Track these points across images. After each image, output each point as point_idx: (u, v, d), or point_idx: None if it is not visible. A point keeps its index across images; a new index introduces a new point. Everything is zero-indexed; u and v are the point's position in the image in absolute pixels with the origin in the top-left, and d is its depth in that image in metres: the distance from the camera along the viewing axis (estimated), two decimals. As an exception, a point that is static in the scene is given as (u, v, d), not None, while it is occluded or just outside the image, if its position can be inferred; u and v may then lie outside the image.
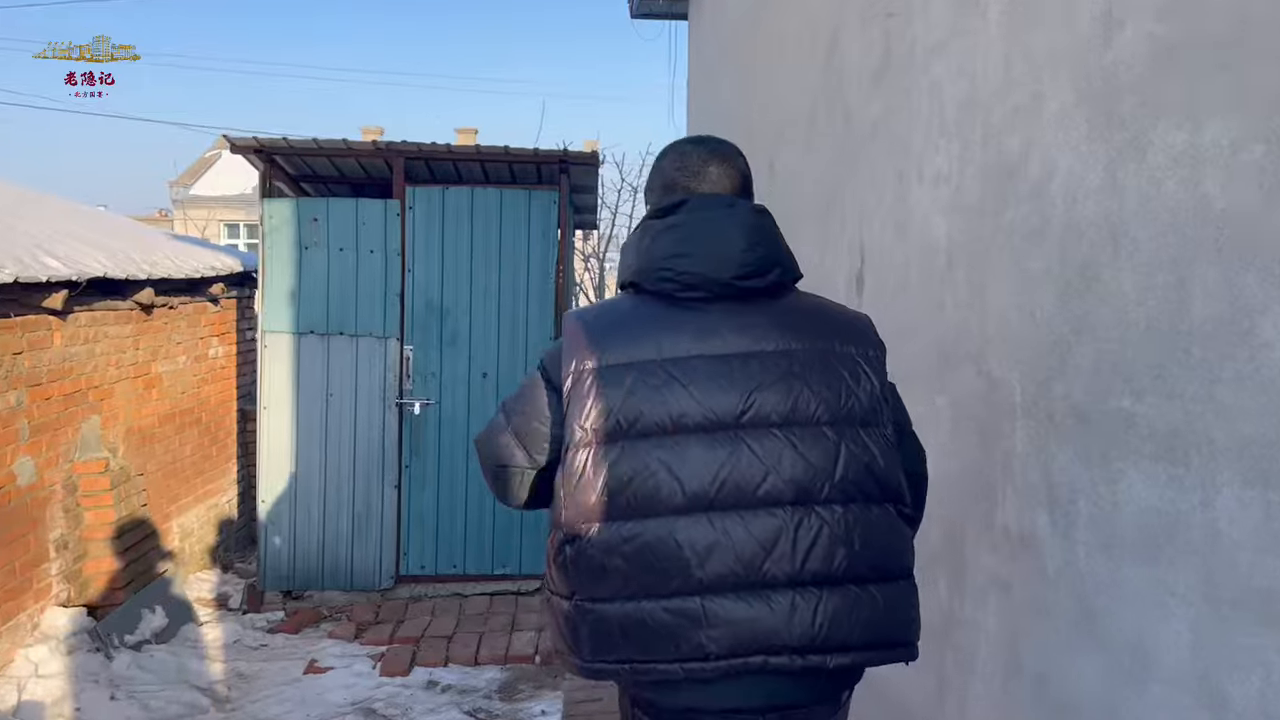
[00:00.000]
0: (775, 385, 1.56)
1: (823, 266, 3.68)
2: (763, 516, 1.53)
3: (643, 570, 1.51)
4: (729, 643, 1.50)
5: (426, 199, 5.45)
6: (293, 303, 5.47)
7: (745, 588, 1.51)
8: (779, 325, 1.61)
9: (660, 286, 1.62)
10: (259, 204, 5.47)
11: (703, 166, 1.75)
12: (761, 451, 1.53)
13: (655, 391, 1.54)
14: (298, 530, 5.54)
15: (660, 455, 1.53)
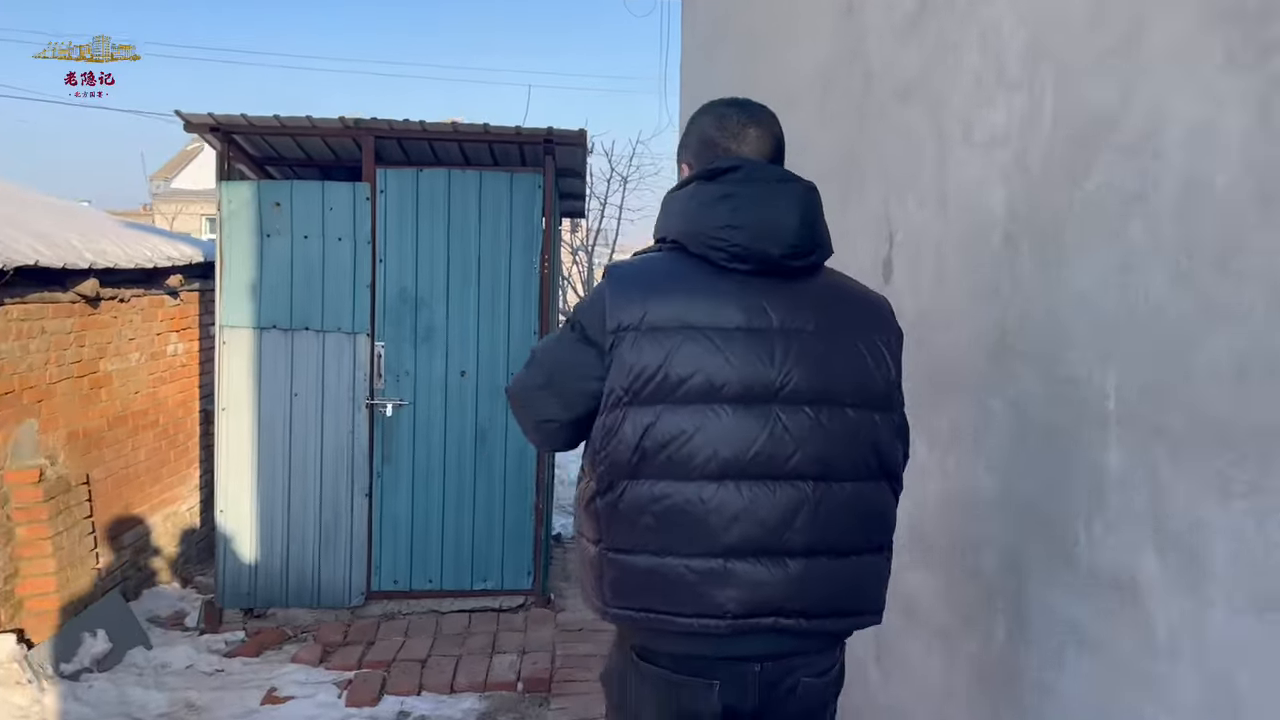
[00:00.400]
0: (809, 364, 1.62)
1: (841, 249, 3.28)
2: (788, 488, 1.62)
3: (671, 529, 1.60)
4: (746, 603, 1.61)
5: (399, 182, 5.03)
6: (253, 295, 5.04)
7: (766, 553, 1.61)
8: (815, 305, 1.66)
9: (708, 253, 1.64)
10: (216, 188, 5.04)
11: (742, 129, 1.79)
12: (793, 427, 1.61)
13: (697, 358, 1.59)
14: (260, 543, 5.12)
15: (698, 421, 1.59)
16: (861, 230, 3.00)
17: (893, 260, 2.75)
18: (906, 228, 2.62)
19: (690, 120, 1.88)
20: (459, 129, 4.99)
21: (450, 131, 5.03)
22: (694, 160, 1.82)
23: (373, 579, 5.17)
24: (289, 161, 5.70)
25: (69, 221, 5.61)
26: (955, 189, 2.27)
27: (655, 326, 1.61)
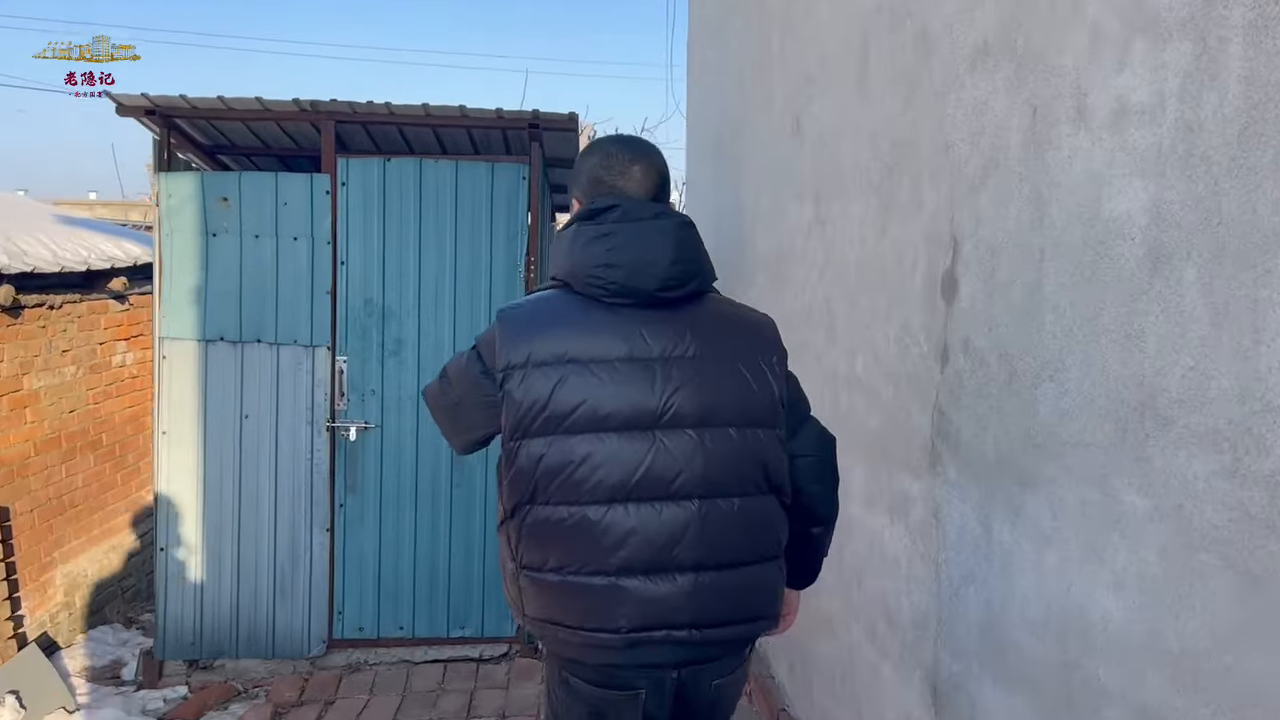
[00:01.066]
0: (690, 388, 1.78)
1: (879, 257, 2.68)
2: (674, 508, 1.76)
3: (570, 549, 1.75)
4: (638, 618, 1.75)
5: (363, 173, 4.44)
6: (197, 303, 4.46)
7: (655, 570, 1.76)
8: (696, 331, 1.81)
9: (589, 290, 1.79)
10: (153, 179, 4.45)
11: (628, 167, 1.91)
12: (677, 449, 1.77)
13: (583, 389, 1.75)
14: (206, 585, 4.54)
15: (587, 449, 1.74)
16: (906, 236, 2.40)
17: (957, 276, 2.15)
18: (980, 236, 2.02)
19: (580, 158, 1.99)
20: (431, 112, 4.39)
21: (421, 115, 4.43)
22: (583, 197, 1.94)
23: (335, 625, 4.59)
24: (244, 150, 5.11)
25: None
26: (1061, 185, 1.67)
27: (542, 362, 1.75)
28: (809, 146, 3.53)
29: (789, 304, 3.83)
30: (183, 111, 4.42)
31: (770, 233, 4.24)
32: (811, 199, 3.49)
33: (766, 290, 4.31)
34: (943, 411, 2.23)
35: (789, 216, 3.86)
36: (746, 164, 4.92)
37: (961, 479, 2.14)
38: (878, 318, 2.69)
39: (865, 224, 2.82)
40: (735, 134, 5.29)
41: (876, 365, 2.70)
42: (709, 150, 6.46)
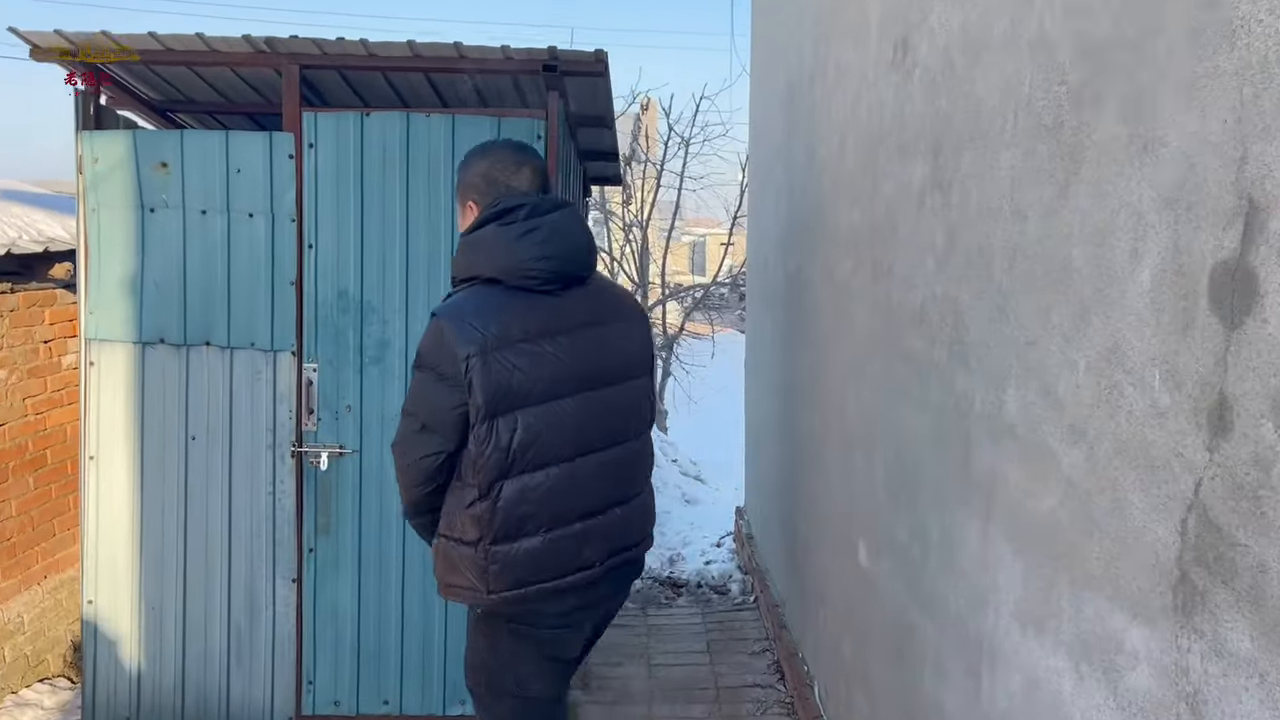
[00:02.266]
0: (613, 350, 2.33)
1: (1056, 234, 1.69)
2: (619, 451, 2.32)
3: (549, 509, 2.19)
4: (605, 550, 2.29)
5: (335, 131, 3.56)
6: (131, 296, 3.63)
7: (611, 505, 2.31)
8: (603, 304, 2.36)
9: (524, 282, 2.20)
10: (75, 140, 3.62)
11: (518, 167, 2.36)
12: (615, 401, 2.32)
13: (536, 366, 2.17)
14: (146, 647, 3.74)
15: (549, 418, 2.18)
16: (1120, 198, 1.42)
17: (1256, 271, 1.16)
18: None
19: (464, 166, 2.41)
20: (419, 52, 3.48)
21: (407, 56, 3.52)
22: (479, 198, 2.35)
23: (304, 699, 3.75)
24: (207, 108, 4.28)
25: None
26: None
27: (498, 347, 2.14)
28: (922, 78, 2.54)
29: (888, 300, 2.85)
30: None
31: (859, 201, 3.26)
32: (925, 153, 2.51)
33: (853, 279, 3.33)
34: (1211, 519, 1.25)
35: (888, 179, 2.88)
36: (825, 113, 3.92)
37: (1261, 650, 1.17)
38: (1054, 334, 1.71)
39: (1026, 183, 1.84)
40: (810, 78, 4.29)
41: (1052, 412, 1.72)
42: (778, 104, 5.46)
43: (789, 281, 4.85)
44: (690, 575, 6.21)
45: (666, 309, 14.01)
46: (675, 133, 13.14)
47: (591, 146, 4.76)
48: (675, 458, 9.52)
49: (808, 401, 4.24)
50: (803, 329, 4.40)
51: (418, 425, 2.20)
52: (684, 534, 7.34)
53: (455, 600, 2.31)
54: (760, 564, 5.80)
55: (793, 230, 4.85)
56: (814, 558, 4.12)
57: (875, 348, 3.03)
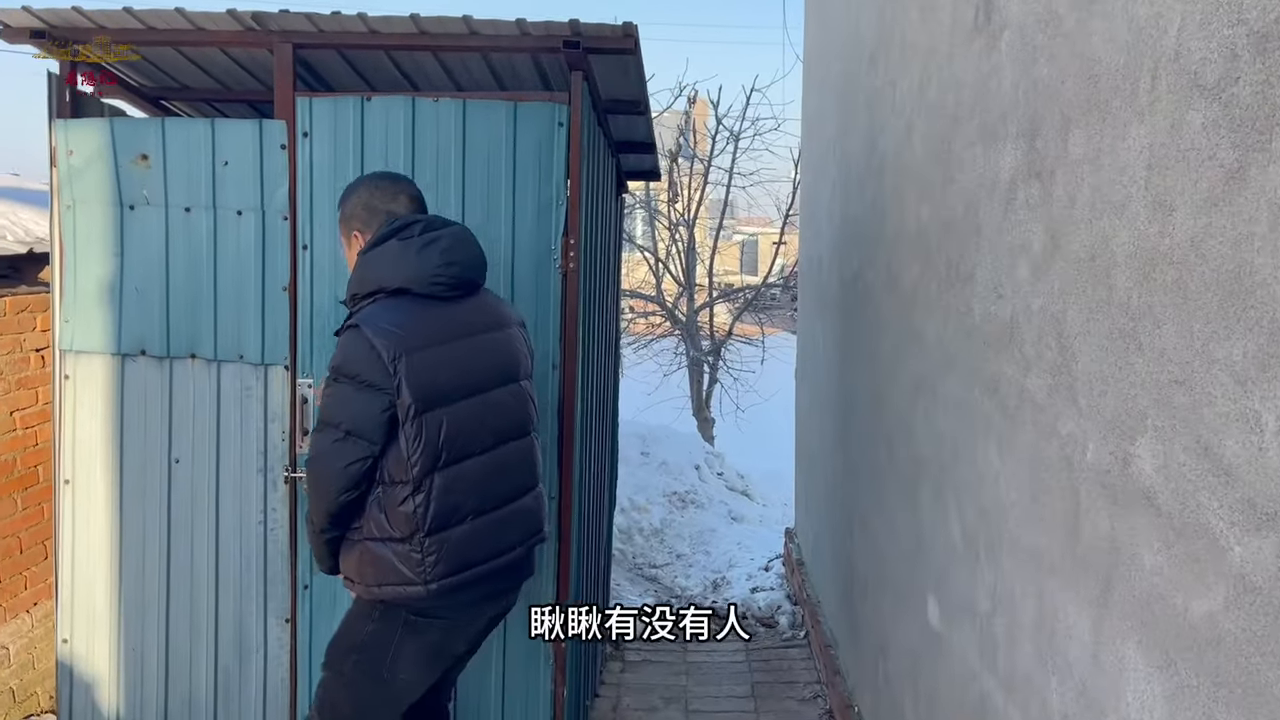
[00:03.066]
0: (506, 353, 2.59)
1: (1221, 236, 1.23)
2: (524, 442, 2.60)
3: (475, 497, 2.43)
4: (523, 533, 2.58)
5: (332, 117, 3.18)
6: (110, 302, 3.30)
7: (524, 492, 2.59)
8: (494, 311, 2.62)
9: (431, 289, 2.43)
10: (47, 130, 3.29)
11: (394, 194, 2.61)
12: (518, 396, 2.59)
13: (454, 364, 2.41)
14: (125, 693, 3.40)
15: (473, 410, 2.43)
16: None
17: None
18: None
19: (342, 201, 2.67)
20: (425, 27, 3.09)
21: (413, 33, 3.14)
22: (364, 227, 2.59)
23: (298, 752, 3.38)
24: (203, 95, 3.93)
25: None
26: None
27: (419, 349, 2.35)
28: (1012, 43, 2.09)
29: (967, 312, 2.40)
30: (84, 32, 3.23)
31: (929, 196, 2.81)
32: (1016, 136, 2.06)
33: (922, 286, 2.87)
34: None
35: (966, 169, 2.43)
36: (887, 98, 3.47)
37: None
38: (1219, 372, 1.26)
39: (1171, 166, 1.38)
40: (870, 60, 3.83)
41: (1216, 480, 1.26)
42: (832, 93, 5.00)
43: (845, 286, 4.39)
44: (735, 604, 5.76)
45: (714, 311, 13.54)
46: (724, 127, 12.67)
47: (625, 136, 4.34)
48: (721, 471, 9.07)
49: (867, 423, 3.78)
50: (861, 340, 3.94)
51: (339, 435, 2.33)
52: (730, 555, 6.89)
53: (383, 600, 2.42)
54: (812, 595, 5.34)
55: (849, 230, 4.39)
56: (873, 601, 3.66)
57: (949, 368, 2.57)
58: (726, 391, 12.56)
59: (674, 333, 13.28)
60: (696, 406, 12.91)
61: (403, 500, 2.35)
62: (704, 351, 12.92)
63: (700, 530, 7.42)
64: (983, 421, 2.27)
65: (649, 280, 13.47)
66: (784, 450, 8.88)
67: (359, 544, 2.43)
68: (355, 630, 2.50)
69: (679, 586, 6.49)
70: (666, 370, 12.94)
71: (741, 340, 13.22)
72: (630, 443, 8.03)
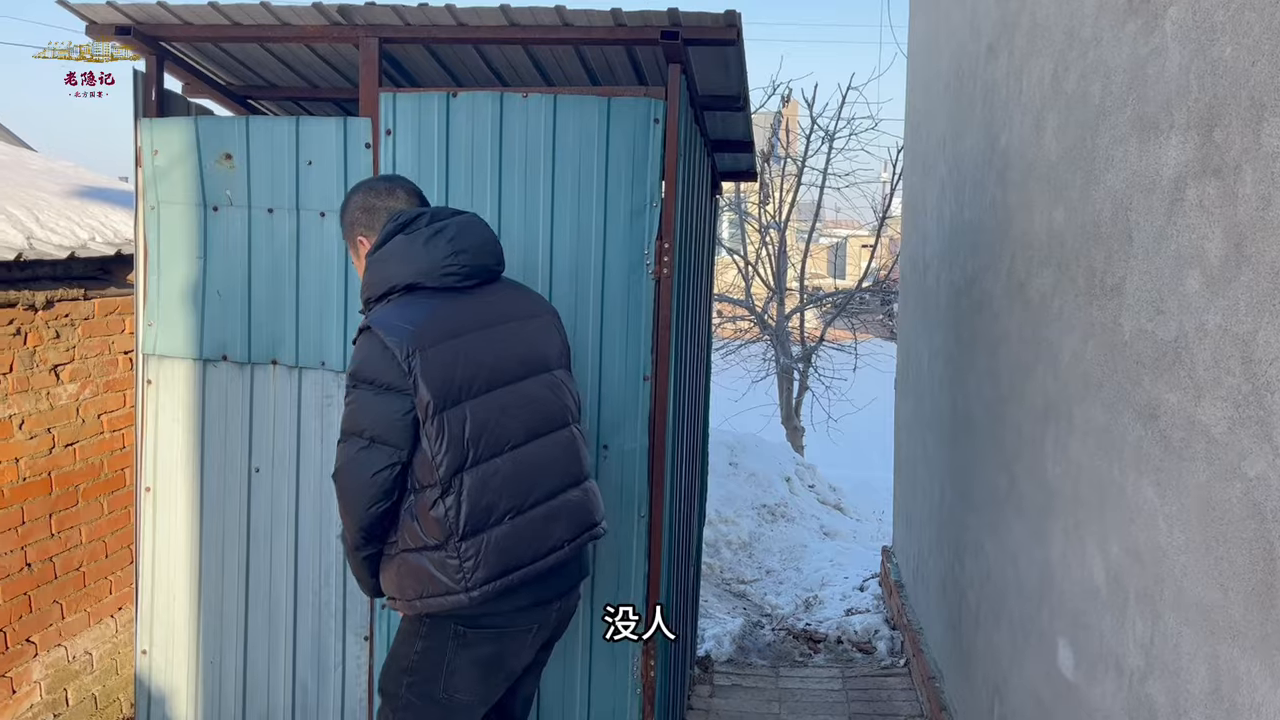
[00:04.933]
0: (537, 340, 2.44)
1: None
2: (564, 434, 2.41)
3: (511, 494, 2.27)
4: (573, 528, 2.38)
5: (416, 114, 3.06)
6: (193, 306, 3.23)
7: (569, 485, 2.40)
8: (517, 300, 2.48)
9: (445, 280, 2.31)
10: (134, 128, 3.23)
11: (392, 191, 2.52)
12: (553, 386, 2.42)
13: (476, 357, 2.27)
14: (203, 704, 3.33)
15: (498, 404, 2.28)
16: None
17: None
18: None
19: (343, 210, 2.58)
20: (515, 19, 2.94)
21: (502, 26, 2.99)
22: (366, 230, 2.50)
23: (375, 776, 3.26)
24: (290, 94, 3.86)
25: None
26: None
27: (435, 343, 2.22)
28: (1181, 21, 1.83)
29: (1115, 328, 2.14)
30: (171, 29, 3.17)
31: (1064, 197, 2.54)
32: (1185, 127, 1.80)
33: (1055, 298, 2.61)
34: None
35: (1116, 167, 2.17)
36: (1011, 90, 3.20)
37: None
38: None
39: None
40: (989, 50, 3.56)
41: None
42: (942, 88, 4.72)
43: (957, 295, 4.12)
44: (829, 627, 5.51)
45: (804, 316, 13.23)
46: (818, 127, 12.34)
47: (721, 134, 4.14)
48: (813, 483, 8.79)
49: (982, 444, 3.51)
50: (976, 354, 3.66)
51: (364, 443, 2.24)
52: (823, 573, 6.63)
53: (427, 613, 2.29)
54: (912, 620, 5.05)
55: (961, 234, 4.11)
56: (987, 637, 3.38)
57: (1090, 390, 2.31)
58: (817, 400, 12.23)
59: (763, 338, 12.99)
60: (786, 415, 12.61)
61: (433, 504, 2.22)
62: (794, 358, 12.61)
63: (791, 545, 7.17)
64: (1134, 453, 2.01)
65: (738, 284, 13.22)
66: (876, 459, 8.57)
67: (396, 557, 2.31)
68: (405, 652, 2.39)
69: (769, 604, 6.26)
70: (754, 377, 12.67)
71: (833, 346, 12.87)
72: (718, 452, 7.82)
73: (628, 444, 3.05)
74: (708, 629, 5.31)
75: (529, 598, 2.33)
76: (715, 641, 5.14)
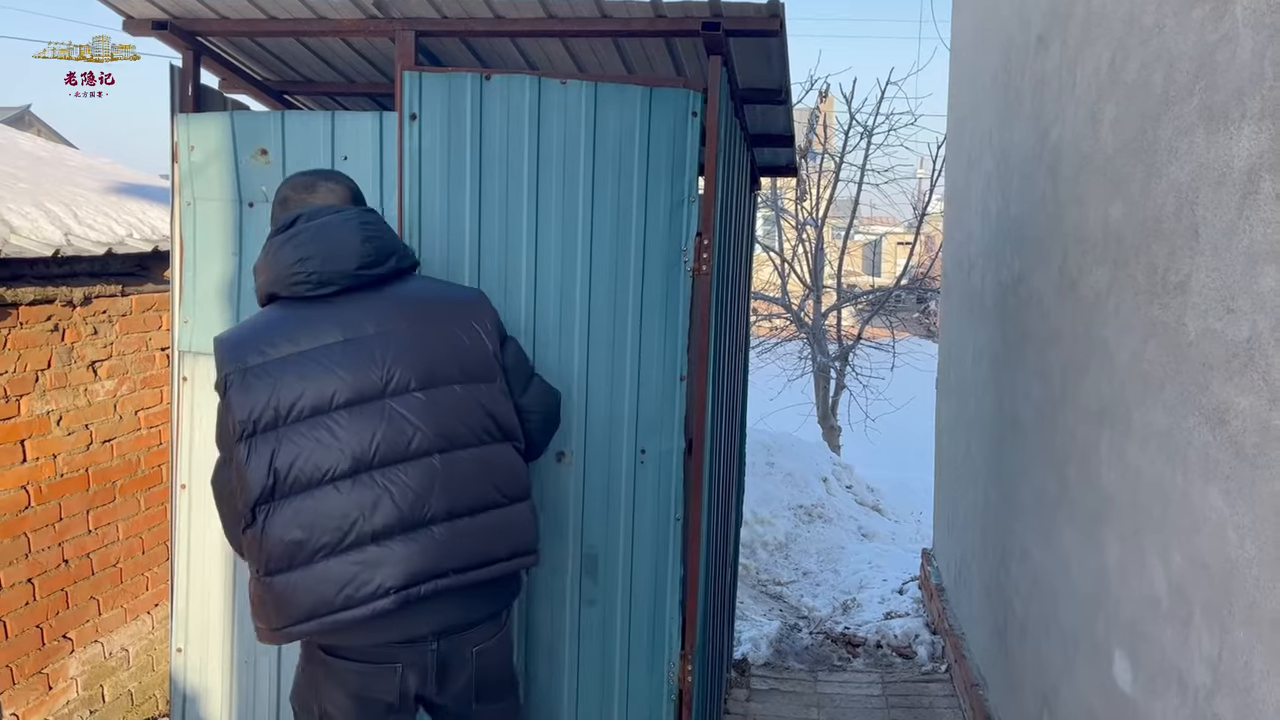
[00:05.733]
0: (410, 356, 2.08)
1: None
2: (418, 466, 2.04)
3: (320, 534, 1.98)
4: (403, 576, 2.00)
5: (445, 97, 3.00)
6: (228, 302, 3.21)
7: (410, 528, 2.02)
8: (404, 306, 2.15)
9: (294, 290, 2.10)
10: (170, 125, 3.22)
11: (312, 185, 2.32)
12: (409, 412, 2.05)
13: (303, 380, 2.01)
14: (237, 705, 3.31)
15: (316, 434, 1.99)
16: None
17: None
18: None
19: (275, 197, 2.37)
20: (553, 11, 2.89)
21: (540, 18, 2.94)
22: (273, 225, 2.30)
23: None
24: (327, 89, 3.84)
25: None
26: None
27: (258, 365, 2.01)
28: (1255, 7, 1.73)
29: (1178, 328, 2.04)
30: (208, 24, 3.15)
31: (1122, 191, 2.45)
32: (1261, 116, 1.71)
33: (1111, 296, 2.51)
34: None
35: (1181, 159, 2.07)
36: (1065, 81, 3.10)
37: None
38: None
39: None
40: (1041, 39, 3.46)
41: None
42: (989, 80, 4.62)
43: (1003, 292, 4.01)
44: (868, 631, 5.42)
45: (841, 315, 13.09)
46: (856, 122, 12.19)
47: (761, 128, 4.07)
48: (850, 484, 8.68)
49: (1030, 446, 3.41)
50: (1025, 353, 3.56)
51: (222, 456, 2.16)
52: (861, 575, 6.53)
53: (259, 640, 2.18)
54: (954, 625, 4.95)
55: (1008, 229, 4.01)
56: (1034, 643, 3.29)
57: (1150, 392, 2.22)
58: (855, 399, 12.10)
59: (799, 336, 12.87)
60: (822, 414, 12.49)
61: (243, 531, 2.07)
62: (831, 356, 12.48)
63: (828, 546, 7.08)
64: (1200, 458, 1.92)
65: (773, 281, 13.11)
66: (914, 459, 8.45)
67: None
68: (298, 670, 2.29)
69: (805, 606, 6.17)
70: (790, 375, 12.55)
71: (871, 345, 12.73)
72: (754, 451, 7.74)
73: (664, 445, 2.99)
74: (744, 631, 5.24)
75: (390, 634, 2.08)
76: (752, 644, 5.07)
